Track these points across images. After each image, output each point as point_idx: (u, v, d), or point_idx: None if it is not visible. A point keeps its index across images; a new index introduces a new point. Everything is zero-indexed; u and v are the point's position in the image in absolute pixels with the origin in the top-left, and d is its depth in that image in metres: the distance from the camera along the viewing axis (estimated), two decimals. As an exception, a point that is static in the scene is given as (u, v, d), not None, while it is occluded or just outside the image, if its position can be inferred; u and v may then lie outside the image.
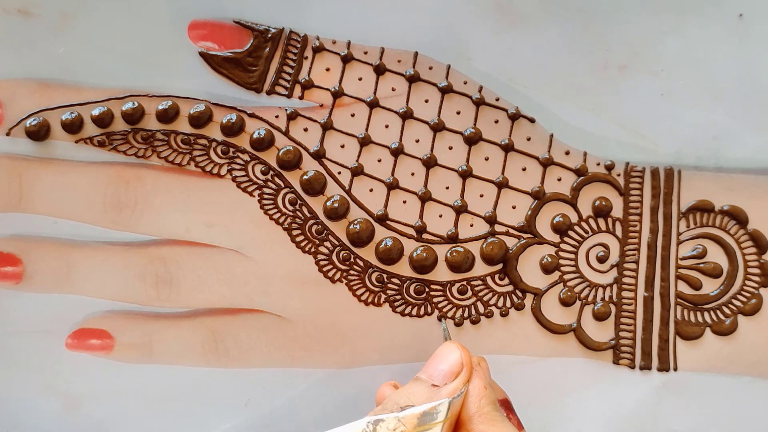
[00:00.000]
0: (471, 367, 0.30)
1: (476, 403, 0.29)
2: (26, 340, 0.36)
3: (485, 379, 0.30)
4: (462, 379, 0.29)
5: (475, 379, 0.29)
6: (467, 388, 0.29)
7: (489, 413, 0.28)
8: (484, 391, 0.29)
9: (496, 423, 0.28)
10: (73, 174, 0.36)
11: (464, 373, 0.29)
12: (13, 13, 0.36)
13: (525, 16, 0.36)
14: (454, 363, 0.30)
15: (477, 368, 0.30)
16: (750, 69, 0.36)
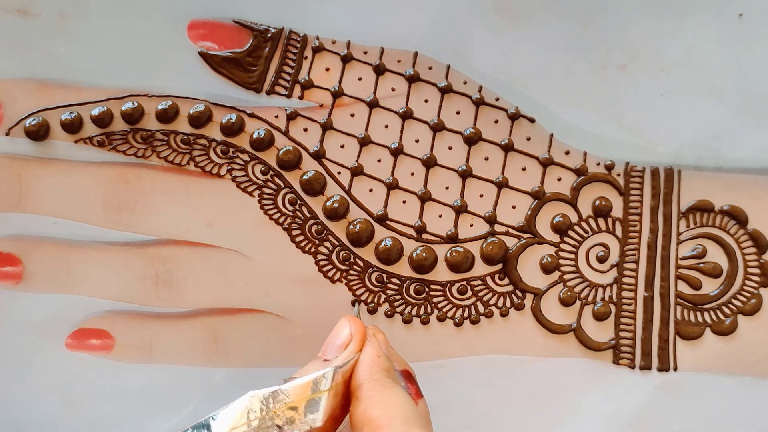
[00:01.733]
0: (362, 338, 0.29)
1: (367, 371, 0.28)
2: (26, 340, 0.36)
3: (378, 348, 0.29)
4: (351, 349, 0.29)
5: (367, 348, 0.29)
6: (357, 357, 0.29)
7: (381, 380, 0.28)
8: (376, 359, 0.29)
9: (387, 388, 0.28)
10: (72, 174, 0.36)
11: (354, 344, 0.29)
12: (12, 13, 0.36)
13: (525, 16, 0.36)
14: (345, 336, 0.30)
15: (371, 338, 0.29)
16: (750, 69, 0.36)
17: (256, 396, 0.26)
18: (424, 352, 0.35)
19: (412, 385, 0.30)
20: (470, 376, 0.35)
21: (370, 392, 0.27)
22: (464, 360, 0.35)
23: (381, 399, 0.27)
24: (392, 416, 0.26)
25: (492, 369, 0.35)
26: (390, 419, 0.26)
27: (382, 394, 0.27)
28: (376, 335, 0.30)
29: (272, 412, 0.26)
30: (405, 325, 0.35)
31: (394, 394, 0.27)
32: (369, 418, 0.26)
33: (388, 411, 0.26)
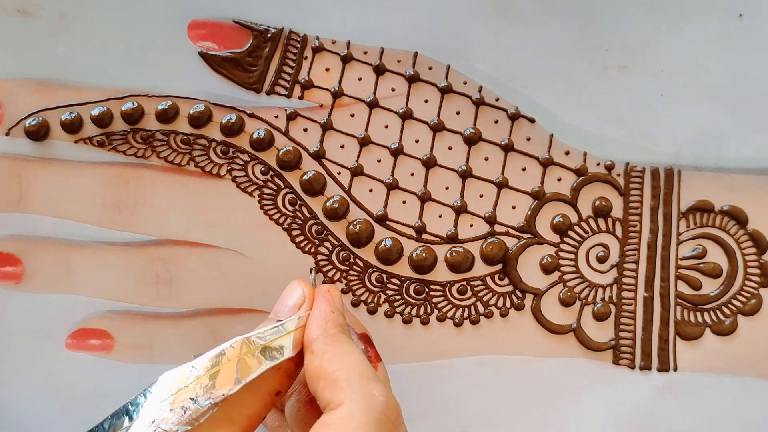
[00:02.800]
0: (313, 296, 0.29)
1: (320, 326, 0.28)
2: (26, 340, 0.36)
3: (333, 304, 0.29)
4: (304, 309, 0.29)
5: (321, 303, 0.29)
6: (309, 313, 0.28)
7: (335, 335, 0.28)
8: (329, 315, 0.28)
9: (342, 343, 0.27)
10: (72, 174, 0.36)
11: (306, 304, 0.29)
12: (12, 13, 0.36)
13: (525, 16, 0.36)
14: (297, 297, 0.29)
15: (325, 294, 0.29)
16: (750, 69, 0.36)
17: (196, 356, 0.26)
18: (424, 352, 0.35)
19: (370, 348, 0.30)
20: (470, 376, 0.35)
21: (325, 346, 0.27)
22: (464, 360, 0.35)
23: (336, 353, 0.27)
24: (349, 370, 0.26)
25: (492, 369, 0.35)
26: (347, 373, 0.26)
27: (337, 348, 0.27)
28: (331, 291, 0.30)
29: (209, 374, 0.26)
30: (405, 325, 0.35)
31: (350, 349, 0.27)
32: (324, 371, 0.26)
33: (344, 365, 0.26)
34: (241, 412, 0.26)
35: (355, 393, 0.25)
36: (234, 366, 0.26)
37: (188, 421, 0.25)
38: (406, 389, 0.35)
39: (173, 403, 0.25)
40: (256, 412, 0.27)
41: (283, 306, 0.29)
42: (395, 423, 0.25)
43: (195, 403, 0.25)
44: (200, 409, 0.25)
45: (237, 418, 0.26)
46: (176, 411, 0.25)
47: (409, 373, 0.35)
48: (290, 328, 0.28)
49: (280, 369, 0.27)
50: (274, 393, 0.27)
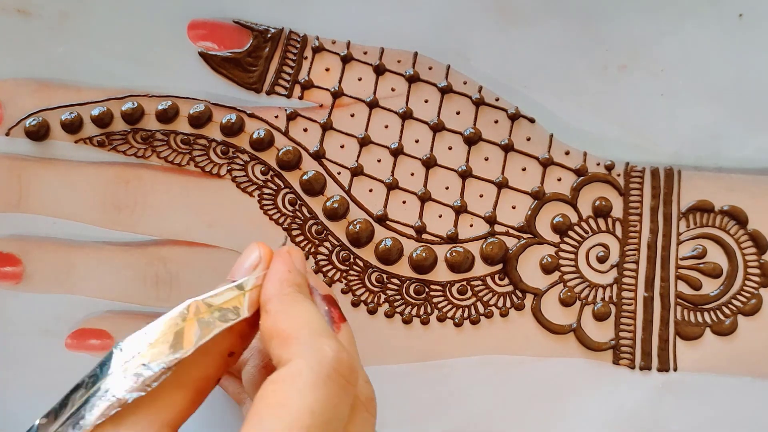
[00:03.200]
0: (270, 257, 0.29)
1: (277, 285, 0.27)
2: (26, 340, 0.36)
3: (291, 263, 0.28)
4: (260, 269, 0.28)
5: (278, 263, 0.28)
6: (265, 273, 0.28)
7: (291, 294, 0.27)
8: (286, 274, 0.27)
9: (297, 302, 0.27)
10: (72, 174, 0.36)
11: (262, 264, 0.28)
12: (12, 13, 0.36)
13: (525, 16, 0.36)
14: (254, 258, 0.29)
15: (283, 254, 0.29)
16: (750, 69, 0.36)
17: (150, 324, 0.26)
18: (424, 352, 0.35)
19: (334, 309, 0.29)
20: (470, 376, 0.35)
21: (279, 306, 0.26)
22: (464, 360, 0.35)
23: (290, 312, 0.26)
24: (300, 328, 0.25)
25: (492, 369, 0.35)
26: (298, 330, 0.25)
27: (291, 307, 0.26)
28: (290, 252, 0.29)
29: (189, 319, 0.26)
30: (405, 325, 0.35)
31: (305, 308, 0.27)
32: (277, 330, 0.25)
33: (297, 323, 0.25)
34: (193, 375, 0.26)
35: (304, 349, 0.24)
36: (186, 329, 0.26)
37: (141, 386, 0.25)
38: (406, 389, 0.35)
39: (126, 371, 0.25)
40: (210, 374, 0.27)
41: (240, 267, 0.29)
42: (348, 379, 0.24)
43: (147, 368, 0.25)
44: (153, 374, 0.25)
45: (190, 380, 0.26)
46: (129, 378, 0.25)
47: (409, 373, 0.35)
48: (245, 289, 0.27)
49: (234, 330, 0.27)
50: (226, 354, 0.27)
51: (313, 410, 0.23)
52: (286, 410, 0.23)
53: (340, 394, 0.24)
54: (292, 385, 0.24)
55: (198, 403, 0.27)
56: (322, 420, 0.23)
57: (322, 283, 0.31)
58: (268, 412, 0.23)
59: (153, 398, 0.25)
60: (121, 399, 0.24)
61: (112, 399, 0.24)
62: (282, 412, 0.23)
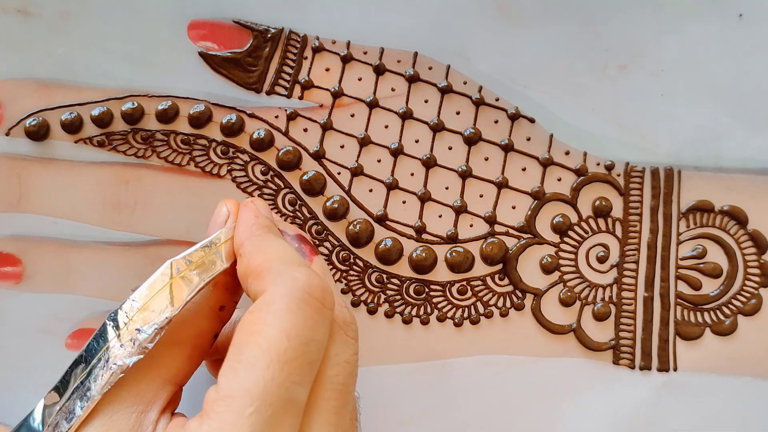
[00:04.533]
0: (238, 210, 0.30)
1: (246, 231, 0.28)
2: (26, 340, 0.36)
3: (256, 210, 0.29)
4: (230, 222, 0.29)
5: (244, 212, 0.29)
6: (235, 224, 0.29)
7: (261, 234, 0.28)
8: (254, 220, 0.28)
9: (267, 240, 0.27)
10: (72, 174, 0.36)
11: (231, 217, 0.29)
12: (12, 13, 0.36)
13: (525, 16, 0.36)
14: (223, 214, 0.30)
15: (248, 204, 0.30)
16: (750, 69, 0.36)
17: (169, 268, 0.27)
18: (424, 352, 0.35)
19: (305, 245, 0.30)
20: (470, 376, 0.35)
21: (250, 247, 0.27)
22: (464, 360, 0.35)
23: (260, 249, 0.27)
24: (272, 260, 0.26)
25: (492, 369, 0.35)
26: (270, 263, 0.26)
27: (262, 245, 0.27)
28: (255, 201, 0.30)
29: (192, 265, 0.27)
30: (405, 325, 0.35)
31: (275, 243, 0.27)
32: (251, 268, 0.26)
33: (269, 257, 0.26)
34: (187, 332, 0.27)
35: (277, 278, 0.25)
36: (171, 289, 0.27)
37: (138, 350, 0.25)
38: (406, 389, 0.35)
39: (122, 339, 0.26)
40: (203, 329, 0.28)
41: (212, 225, 0.30)
42: (322, 302, 0.25)
43: (141, 332, 0.26)
44: (147, 336, 0.26)
45: (184, 338, 0.27)
46: (126, 345, 0.26)
47: (409, 373, 0.35)
48: (220, 241, 0.28)
49: (219, 284, 0.28)
50: (217, 308, 0.28)
51: (289, 333, 0.24)
52: (263, 336, 0.24)
53: (315, 317, 0.25)
54: (267, 312, 0.24)
55: (197, 359, 0.28)
56: (299, 342, 0.24)
57: (291, 225, 0.31)
58: (246, 340, 0.24)
59: (151, 359, 0.26)
60: (122, 365, 0.25)
61: (114, 367, 0.25)
62: (259, 339, 0.24)
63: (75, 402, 0.25)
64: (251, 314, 0.25)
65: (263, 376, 0.23)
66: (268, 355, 0.23)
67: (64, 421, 0.25)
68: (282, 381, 0.23)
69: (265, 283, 0.25)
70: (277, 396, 0.23)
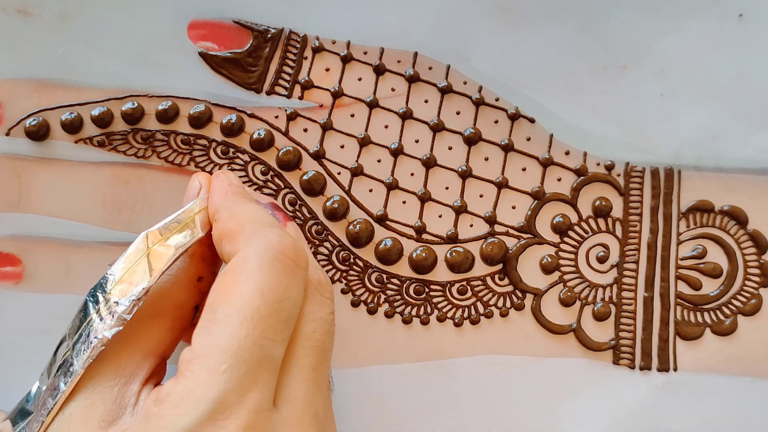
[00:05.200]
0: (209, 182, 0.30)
1: (221, 196, 0.28)
2: (26, 340, 0.36)
3: (227, 179, 0.29)
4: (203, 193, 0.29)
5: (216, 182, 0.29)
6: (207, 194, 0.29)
7: (234, 198, 0.28)
8: (227, 187, 0.29)
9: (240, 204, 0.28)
10: (72, 174, 0.36)
11: (204, 188, 0.30)
12: (12, 13, 0.36)
13: (525, 16, 0.36)
14: (195, 186, 0.30)
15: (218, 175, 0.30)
16: (750, 69, 0.36)
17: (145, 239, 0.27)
18: (424, 352, 0.35)
19: (279, 212, 0.30)
20: (470, 376, 0.35)
21: (224, 212, 0.27)
22: (464, 360, 0.35)
23: (234, 213, 0.27)
24: (245, 222, 0.26)
25: (492, 369, 0.35)
26: (242, 226, 0.26)
27: (235, 209, 0.27)
28: (225, 173, 0.30)
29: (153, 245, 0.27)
30: (405, 325, 0.35)
31: (248, 206, 0.27)
32: (225, 231, 0.26)
33: (242, 220, 0.26)
34: (166, 303, 0.27)
35: (250, 238, 0.25)
36: (148, 259, 0.27)
37: (117, 322, 0.26)
38: (406, 389, 0.35)
39: (101, 312, 0.26)
40: (182, 300, 0.28)
41: (186, 198, 0.30)
42: (295, 261, 0.25)
43: (119, 305, 0.26)
44: (126, 308, 0.26)
45: (163, 309, 0.27)
46: (105, 318, 0.26)
47: (409, 373, 0.35)
48: (193, 211, 0.28)
49: (196, 255, 0.28)
50: (195, 279, 0.28)
51: (263, 290, 0.24)
52: (236, 295, 0.24)
53: (288, 275, 0.25)
54: (240, 272, 0.24)
55: (178, 331, 0.28)
56: (272, 299, 0.24)
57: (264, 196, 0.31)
58: (220, 299, 0.24)
59: (130, 332, 0.26)
60: (102, 338, 0.25)
61: (94, 340, 0.25)
62: (232, 297, 0.24)
63: (59, 378, 0.26)
64: (224, 275, 0.25)
65: (237, 334, 0.23)
66: (242, 313, 0.23)
67: (50, 398, 0.26)
68: (256, 338, 0.23)
69: (239, 244, 0.25)
70: (251, 353, 0.23)
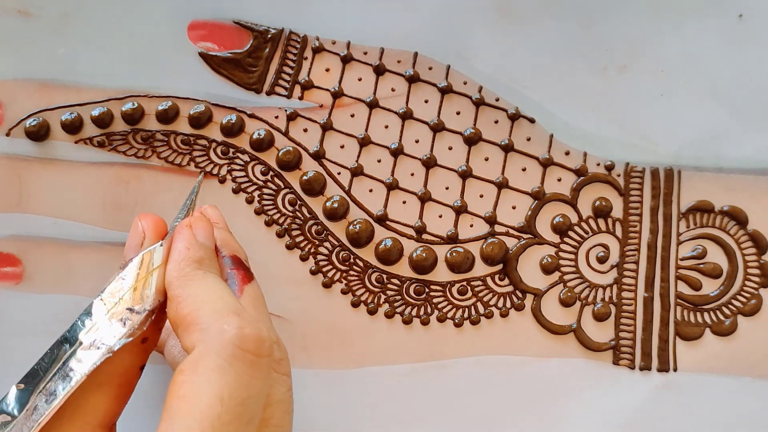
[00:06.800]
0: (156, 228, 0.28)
1: (176, 268, 0.26)
2: (26, 340, 0.36)
3: (189, 239, 0.27)
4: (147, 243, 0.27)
5: (176, 243, 0.27)
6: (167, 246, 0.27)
7: (188, 274, 0.26)
8: (185, 253, 0.26)
9: (195, 281, 0.26)
10: (72, 174, 0.36)
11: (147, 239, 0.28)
12: (13, 14, 0.36)
13: (525, 16, 0.36)
14: (135, 234, 0.28)
15: (182, 230, 0.27)
16: (750, 69, 0.36)
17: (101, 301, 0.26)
18: (424, 352, 0.35)
19: (238, 270, 0.28)
20: (470, 376, 0.35)
21: (178, 290, 0.25)
22: (464, 360, 0.35)
23: (189, 295, 0.25)
24: (200, 310, 0.24)
25: (492, 369, 0.35)
26: (198, 313, 0.24)
27: (189, 289, 0.25)
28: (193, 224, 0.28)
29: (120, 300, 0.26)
30: (405, 326, 0.35)
31: (204, 286, 0.25)
32: (180, 317, 0.25)
33: (197, 305, 0.24)
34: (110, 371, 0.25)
35: (205, 333, 0.24)
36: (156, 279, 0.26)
37: (129, 332, 0.25)
38: (406, 389, 0.35)
39: (111, 318, 0.25)
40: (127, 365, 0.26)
41: (130, 248, 0.28)
42: (256, 352, 0.23)
43: (133, 312, 0.25)
44: (140, 318, 0.25)
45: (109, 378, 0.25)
46: (115, 324, 0.25)
47: (409, 373, 0.35)
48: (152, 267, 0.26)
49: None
50: (140, 341, 0.26)
51: (222, 396, 0.22)
52: (194, 402, 0.22)
53: (249, 372, 0.23)
54: (196, 374, 0.23)
55: (125, 396, 0.26)
56: (235, 403, 0.23)
57: (231, 239, 0.30)
58: (177, 406, 0.23)
59: (76, 407, 0.25)
60: (110, 346, 0.24)
61: (102, 347, 0.24)
62: (191, 405, 0.22)
63: (57, 383, 0.24)
64: (181, 374, 0.23)
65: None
66: (201, 424, 0.22)
67: (44, 402, 0.24)
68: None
69: (194, 339, 0.24)
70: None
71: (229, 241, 0.29)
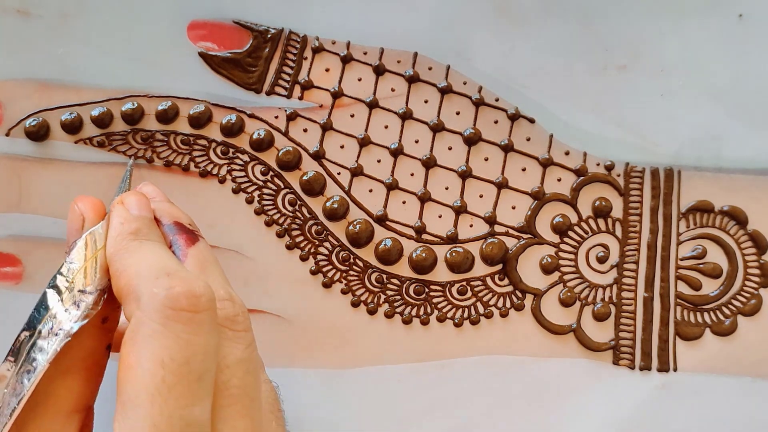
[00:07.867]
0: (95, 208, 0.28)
1: (113, 243, 0.26)
2: (26, 341, 0.36)
3: (123, 213, 0.27)
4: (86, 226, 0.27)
5: (112, 220, 0.27)
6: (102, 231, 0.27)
7: (125, 246, 0.26)
8: (119, 228, 0.26)
9: (131, 252, 0.25)
10: (72, 174, 0.36)
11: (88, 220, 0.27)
12: (12, 14, 0.36)
13: (525, 16, 0.36)
14: (75, 218, 0.28)
15: (116, 208, 0.27)
16: (750, 69, 0.36)
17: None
18: (424, 352, 0.35)
19: (181, 234, 0.28)
20: (470, 376, 0.35)
21: (117, 264, 0.25)
22: (464, 360, 0.35)
23: (126, 267, 0.25)
24: (134, 279, 0.24)
25: (492, 369, 0.35)
26: (132, 283, 0.24)
27: (126, 261, 0.25)
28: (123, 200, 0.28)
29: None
30: (405, 326, 0.35)
31: (138, 255, 0.25)
32: (120, 289, 0.25)
33: (132, 275, 0.24)
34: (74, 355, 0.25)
35: (139, 300, 0.23)
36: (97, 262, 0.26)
37: (84, 314, 0.25)
38: (406, 389, 0.35)
39: (65, 303, 0.25)
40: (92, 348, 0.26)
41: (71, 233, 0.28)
42: (195, 308, 0.23)
43: (85, 293, 0.25)
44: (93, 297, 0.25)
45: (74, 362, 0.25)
46: (71, 309, 0.25)
47: (409, 373, 0.35)
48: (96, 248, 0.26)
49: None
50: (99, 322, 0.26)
51: (163, 359, 0.22)
52: (137, 370, 0.22)
53: (188, 329, 0.23)
54: (134, 342, 0.23)
55: (95, 379, 0.26)
56: (177, 364, 0.22)
57: (172, 208, 0.29)
58: (124, 377, 0.22)
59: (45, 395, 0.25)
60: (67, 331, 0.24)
61: (60, 333, 0.24)
62: (135, 374, 0.22)
63: (23, 377, 0.24)
64: (124, 346, 0.23)
65: (150, 413, 0.21)
66: (147, 390, 0.22)
67: (13, 398, 0.24)
68: (171, 411, 0.22)
69: (132, 308, 0.23)
70: (170, 427, 0.21)
71: (169, 209, 0.29)
